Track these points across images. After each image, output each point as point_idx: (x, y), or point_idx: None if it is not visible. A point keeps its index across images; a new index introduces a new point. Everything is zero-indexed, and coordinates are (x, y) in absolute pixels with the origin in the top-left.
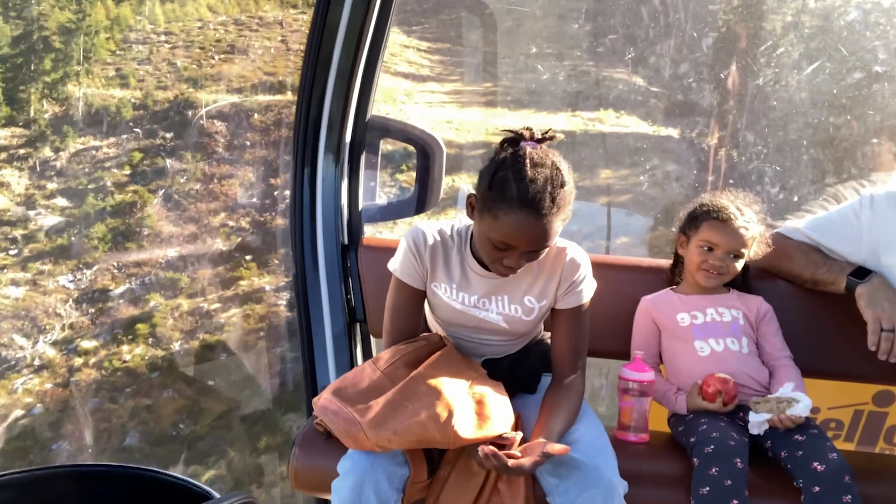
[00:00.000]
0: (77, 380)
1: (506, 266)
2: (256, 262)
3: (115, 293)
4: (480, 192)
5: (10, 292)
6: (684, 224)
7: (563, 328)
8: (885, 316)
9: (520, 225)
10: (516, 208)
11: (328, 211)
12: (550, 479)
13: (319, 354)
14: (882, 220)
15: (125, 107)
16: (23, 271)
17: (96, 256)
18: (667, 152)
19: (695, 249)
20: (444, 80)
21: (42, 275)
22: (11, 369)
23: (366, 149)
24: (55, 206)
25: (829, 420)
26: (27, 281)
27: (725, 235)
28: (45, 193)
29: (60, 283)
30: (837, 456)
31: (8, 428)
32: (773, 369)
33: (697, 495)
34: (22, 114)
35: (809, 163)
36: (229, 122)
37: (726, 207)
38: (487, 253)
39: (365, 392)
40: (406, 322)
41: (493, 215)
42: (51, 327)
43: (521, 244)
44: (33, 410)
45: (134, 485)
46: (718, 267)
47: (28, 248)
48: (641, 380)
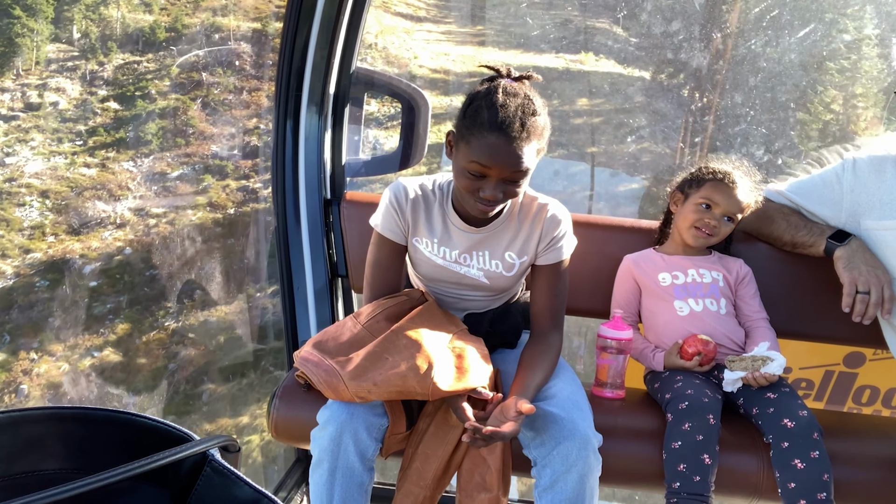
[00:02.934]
0: (157, 231)
1: (483, 198)
2: None
3: (172, 175)
4: (456, 125)
5: (86, 171)
6: (684, 183)
7: (543, 284)
8: (861, 279)
9: (491, 147)
10: (486, 132)
11: (311, 164)
12: (527, 433)
13: (301, 309)
14: (863, 183)
15: (159, 28)
16: (91, 157)
17: (152, 147)
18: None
19: (692, 207)
20: (439, 22)
21: (108, 160)
22: (98, 226)
23: (350, 101)
24: (109, 108)
25: (800, 380)
26: (97, 164)
27: (726, 197)
28: (98, 98)
29: (125, 167)
30: (807, 414)
31: (107, 261)
32: (750, 330)
33: (670, 449)
34: (65, 32)
35: (795, 126)
36: (253, 45)
37: (731, 172)
38: (465, 186)
39: (346, 345)
40: (387, 277)
41: (467, 141)
42: (124, 197)
43: (493, 167)
44: (125, 251)
45: (112, 426)
46: (712, 227)
47: (92, 139)
48: (619, 338)
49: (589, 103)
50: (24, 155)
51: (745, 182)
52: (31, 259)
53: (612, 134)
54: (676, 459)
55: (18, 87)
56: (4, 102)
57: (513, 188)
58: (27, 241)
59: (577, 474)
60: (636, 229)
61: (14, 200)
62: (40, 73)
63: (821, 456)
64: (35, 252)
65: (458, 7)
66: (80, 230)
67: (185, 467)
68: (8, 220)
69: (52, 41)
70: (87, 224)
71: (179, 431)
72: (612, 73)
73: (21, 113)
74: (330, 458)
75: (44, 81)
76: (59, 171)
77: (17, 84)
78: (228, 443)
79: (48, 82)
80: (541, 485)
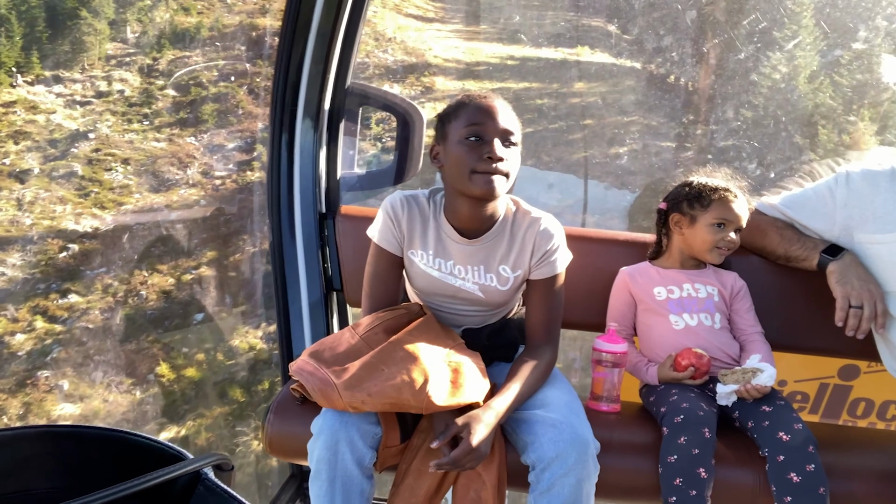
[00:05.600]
0: (224, 188)
1: (488, 158)
2: None
3: (229, 146)
4: (437, 127)
5: (156, 144)
6: (682, 202)
7: (538, 298)
8: (853, 293)
9: (481, 108)
10: (474, 101)
11: (306, 178)
12: (525, 438)
13: (296, 324)
14: (857, 197)
15: (203, 28)
16: (158, 133)
17: (208, 126)
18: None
19: (706, 228)
20: (447, 22)
21: (174, 136)
22: (174, 185)
23: (345, 116)
24: (167, 94)
25: (795, 392)
26: (164, 139)
27: (734, 212)
28: (157, 86)
29: (188, 141)
30: (802, 427)
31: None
32: (745, 344)
33: (665, 463)
34: (120, 32)
35: (787, 139)
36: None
37: (730, 186)
38: (467, 155)
39: (342, 355)
40: (385, 289)
41: (457, 118)
42: (191, 164)
43: (488, 123)
44: (200, 202)
45: (105, 444)
46: (732, 243)
47: (157, 120)
48: (615, 351)
49: (582, 118)
50: (104, 131)
51: (740, 192)
52: (124, 209)
53: (606, 147)
54: (672, 473)
55: (87, 79)
56: (78, 91)
57: (511, 154)
58: (118, 196)
59: (574, 478)
60: (631, 243)
61: (102, 166)
62: (102, 67)
63: (816, 469)
64: (126, 205)
65: (463, 9)
66: (160, 189)
67: (178, 486)
68: (100, 180)
69: (110, 40)
70: (165, 184)
71: (172, 450)
72: (603, 89)
73: (93, 99)
74: (327, 469)
75: (107, 74)
76: (135, 144)
77: (85, 76)
78: (221, 461)
79: (111, 74)
80: (538, 489)
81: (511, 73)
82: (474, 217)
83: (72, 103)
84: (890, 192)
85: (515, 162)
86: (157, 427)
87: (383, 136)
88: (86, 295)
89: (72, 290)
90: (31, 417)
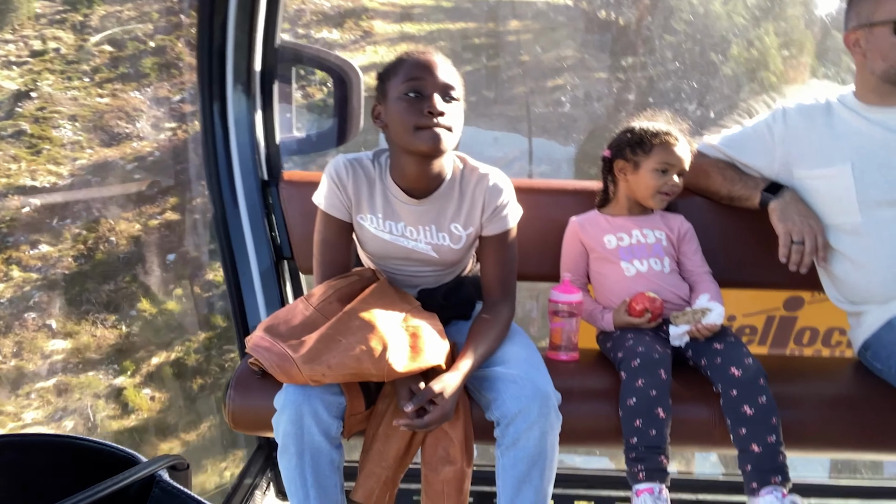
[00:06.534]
0: (175, 138)
1: (429, 113)
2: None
3: (175, 99)
4: (378, 87)
5: (100, 100)
6: (624, 148)
7: (491, 254)
8: (795, 229)
9: (420, 62)
10: (412, 57)
11: (244, 146)
12: (488, 395)
13: (248, 295)
14: (794, 133)
15: None
16: (101, 89)
17: (151, 79)
18: (589, 70)
19: (649, 174)
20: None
21: (117, 90)
22: (125, 139)
23: (278, 78)
24: (105, 50)
25: (744, 326)
26: (108, 94)
27: (676, 156)
28: (92, 44)
29: (133, 95)
30: (753, 361)
31: (142, 161)
32: (694, 284)
33: (625, 406)
34: None
35: (725, 78)
36: None
37: (670, 129)
38: (407, 111)
39: (298, 328)
40: (336, 256)
41: (396, 75)
42: (139, 118)
43: (428, 77)
44: (155, 154)
45: (51, 451)
46: (675, 187)
47: (97, 76)
48: (570, 301)
49: (521, 68)
50: (45, 90)
51: (681, 135)
52: (79, 164)
53: (546, 96)
54: (632, 415)
55: (19, 38)
56: (12, 52)
57: (452, 109)
58: (71, 152)
59: (538, 431)
60: (578, 191)
61: (49, 124)
62: (33, 26)
63: (768, 401)
64: (81, 159)
65: None
66: (112, 143)
67: (133, 490)
68: (50, 138)
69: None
70: (116, 138)
71: (123, 453)
72: (537, 27)
73: (29, 59)
74: (295, 442)
75: (39, 33)
76: (80, 101)
77: (17, 36)
78: (176, 462)
79: (44, 33)
80: (503, 444)
81: (446, 14)
82: (421, 176)
83: (8, 64)
84: (826, 126)
85: (458, 117)
86: (147, 354)
87: (316, 95)
88: (56, 245)
89: (41, 241)
90: (25, 353)
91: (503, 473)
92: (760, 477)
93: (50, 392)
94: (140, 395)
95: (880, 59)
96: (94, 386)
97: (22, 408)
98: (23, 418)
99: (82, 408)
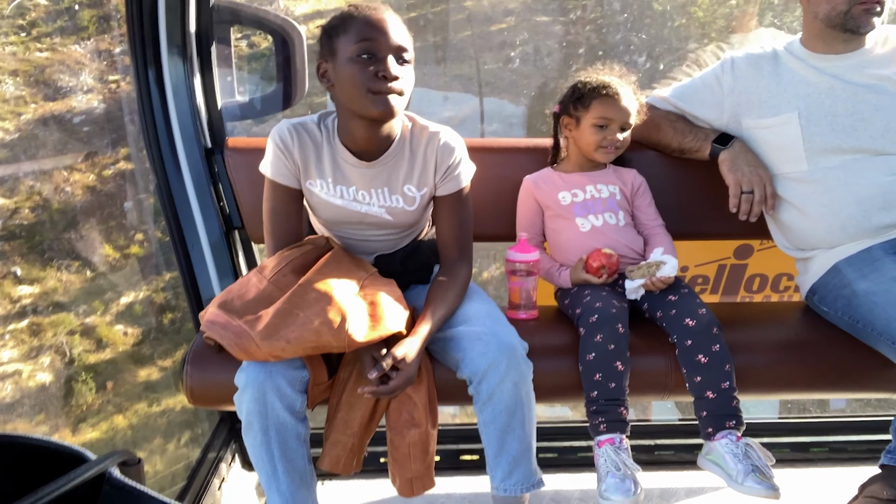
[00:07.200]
0: (119, 90)
1: (382, 77)
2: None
3: (116, 51)
4: (323, 42)
5: (40, 54)
6: (567, 104)
7: (446, 215)
8: (744, 179)
9: (373, 20)
10: (363, 14)
11: (183, 113)
12: (455, 355)
13: (199, 267)
14: (743, 83)
15: None
16: (39, 43)
17: (90, 32)
18: (537, 26)
19: (589, 129)
20: None
21: (56, 44)
22: (70, 92)
23: (215, 40)
24: (39, 4)
25: (697, 276)
26: (47, 48)
27: (616, 110)
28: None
29: (73, 49)
30: (706, 311)
31: (88, 114)
32: (648, 238)
33: (585, 361)
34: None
35: (672, 30)
36: None
37: (611, 84)
38: (360, 74)
39: (253, 302)
40: (287, 225)
41: (346, 32)
42: (81, 70)
43: (380, 38)
44: (100, 106)
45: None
46: (616, 142)
47: (35, 30)
48: (527, 260)
49: (469, 28)
50: None
51: (626, 88)
52: (24, 119)
53: (496, 53)
54: (592, 370)
55: None
56: None
57: (405, 72)
58: (14, 107)
59: (511, 383)
60: (532, 149)
61: None
62: None
63: (721, 349)
64: (26, 114)
65: None
66: (56, 97)
67: (83, 490)
68: None
69: None
70: (60, 91)
71: (70, 450)
72: None
73: None
74: (259, 419)
75: None
76: (18, 56)
77: None
78: (127, 457)
79: None
80: (479, 400)
81: None
82: (371, 138)
83: None
84: (773, 75)
85: (410, 80)
86: (116, 295)
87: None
88: (10, 197)
89: None
90: None
91: (485, 429)
92: (715, 422)
93: (24, 332)
94: (113, 330)
95: (824, 1)
96: (68, 324)
97: None
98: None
99: (58, 344)
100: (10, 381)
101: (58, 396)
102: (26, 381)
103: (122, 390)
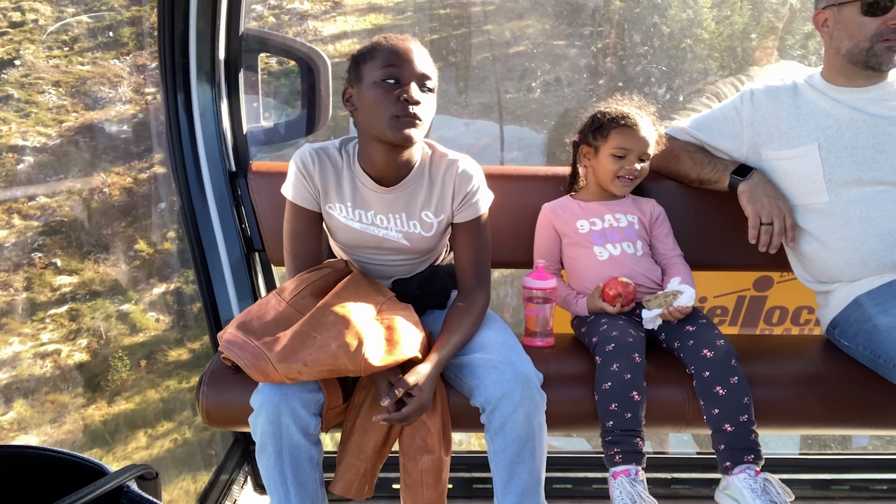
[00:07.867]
0: (155, 101)
1: (404, 101)
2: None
3: (152, 66)
4: (351, 69)
5: (82, 67)
6: (587, 133)
7: (464, 241)
8: (764, 210)
9: (398, 49)
10: (391, 43)
11: (210, 137)
12: (470, 382)
13: (219, 288)
14: (762, 114)
15: None
16: (81, 57)
17: (129, 48)
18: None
19: (607, 159)
20: None
21: (97, 59)
22: (108, 104)
23: (243, 67)
24: (83, 21)
25: (715, 307)
26: (88, 62)
27: (635, 140)
28: (69, 14)
29: (112, 63)
30: (724, 342)
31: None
32: (666, 267)
33: (601, 390)
34: None
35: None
36: None
37: (630, 114)
38: (383, 98)
39: (271, 324)
40: (307, 247)
41: (373, 59)
42: (120, 83)
43: (405, 65)
44: (139, 115)
45: (15, 463)
46: (634, 172)
47: (76, 45)
48: (544, 287)
49: (491, 54)
50: (28, 58)
51: (645, 119)
52: (66, 126)
53: (518, 82)
54: (608, 399)
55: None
56: None
57: (426, 84)
58: (57, 115)
59: (524, 413)
60: (550, 177)
61: (35, 90)
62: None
63: (739, 381)
64: (67, 122)
65: None
66: (95, 107)
67: (100, 502)
68: (36, 102)
69: None
70: (100, 102)
71: (90, 463)
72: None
73: (9, 29)
74: (273, 442)
75: (17, 4)
76: (62, 68)
77: None
78: (144, 471)
79: (21, 5)
80: (491, 429)
81: None
82: (390, 164)
83: None
84: (793, 107)
85: (431, 107)
86: (147, 286)
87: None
88: (52, 196)
89: (38, 193)
90: (35, 286)
91: (495, 458)
92: (734, 456)
93: (63, 317)
94: (146, 316)
95: (846, 38)
96: (104, 309)
97: (38, 330)
98: (40, 338)
99: (94, 328)
100: (50, 359)
101: (94, 373)
102: (65, 359)
103: (154, 368)
